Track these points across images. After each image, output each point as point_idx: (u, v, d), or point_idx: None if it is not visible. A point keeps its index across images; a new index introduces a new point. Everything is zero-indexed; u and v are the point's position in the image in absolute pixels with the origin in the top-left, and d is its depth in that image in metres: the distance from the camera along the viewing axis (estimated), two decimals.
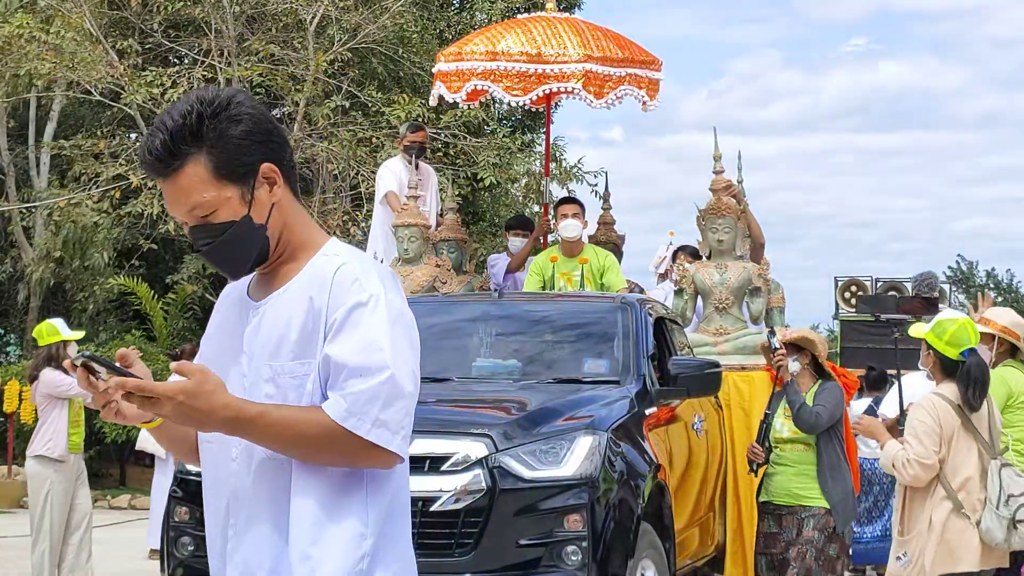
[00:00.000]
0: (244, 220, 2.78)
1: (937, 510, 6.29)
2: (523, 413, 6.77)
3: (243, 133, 2.76)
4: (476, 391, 7.44)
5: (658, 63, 10.80)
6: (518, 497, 6.42)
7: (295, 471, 2.74)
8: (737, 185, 10.13)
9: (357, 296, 2.73)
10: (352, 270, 2.76)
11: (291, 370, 2.75)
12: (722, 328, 9.79)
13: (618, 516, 6.59)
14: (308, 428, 2.69)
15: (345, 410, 2.68)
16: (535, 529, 6.43)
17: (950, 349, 6.34)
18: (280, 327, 2.78)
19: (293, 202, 2.86)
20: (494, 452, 6.43)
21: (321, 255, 2.83)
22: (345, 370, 2.69)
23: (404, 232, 10.29)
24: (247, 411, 2.67)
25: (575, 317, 8.38)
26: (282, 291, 2.82)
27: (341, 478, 2.75)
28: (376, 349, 2.69)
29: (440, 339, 8.24)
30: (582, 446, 6.56)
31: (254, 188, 2.79)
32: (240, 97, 2.79)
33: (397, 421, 2.72)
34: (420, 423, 6.59)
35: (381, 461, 2.74)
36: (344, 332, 2.71)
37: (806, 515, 7.77)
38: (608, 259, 10.27)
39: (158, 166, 2.75)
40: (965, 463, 6.29)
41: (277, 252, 2.84)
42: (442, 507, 6.36)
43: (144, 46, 20.20)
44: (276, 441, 2.70)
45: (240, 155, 2.76)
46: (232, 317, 2.92)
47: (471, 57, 10.29)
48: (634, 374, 7.61)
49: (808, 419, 7.72)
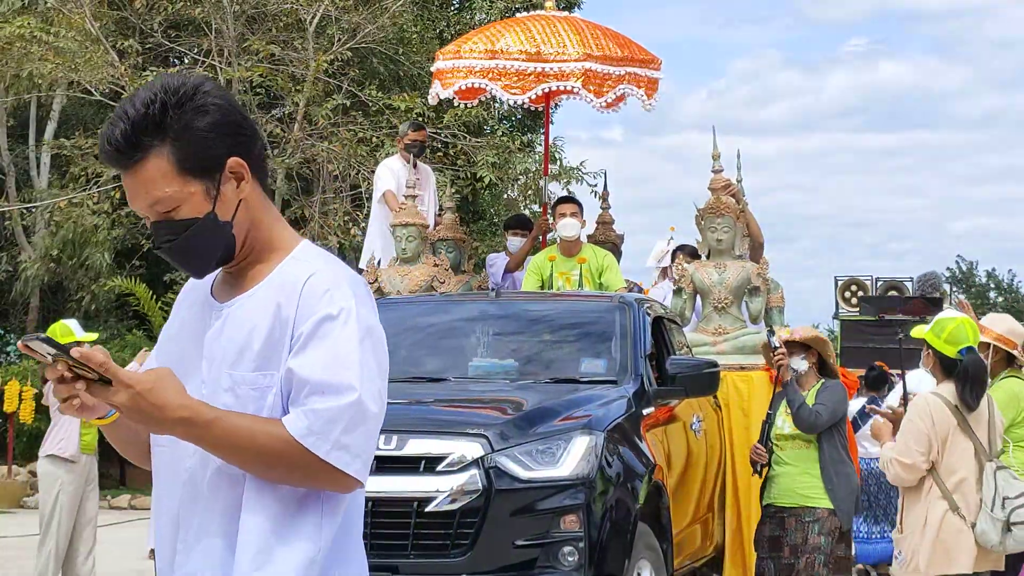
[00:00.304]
0: (208, 217, 2.63)
1: (932, 510, 6.26)
2: (519, 413, 6.73)
3: (209, 125, 2.61)
4: (472, 391, 7.41)
5: (657, 62, 10.77)
6: (514, 497, 6.39)
7: (248, 486, 2.58)
8: (736, 184, 10.10)
9: (327, 308, 2.58)
10: (323, 280, 2.61)
11: (252, 381, 2.60)
12: (721, 328, 9.75)
13: (615, 517, 6.55)
14: (266, 440, 2.53)
15: (306, 427, 2.53)
16: (531, 530, 6.40)
17: (948, 348, 6.31)
18: (243, 334, 2.63)
19: (262, 199, 2.72)
20: (490, 452, 6.40)
21: (291, 259, 2.69)
22: (308, 386, 2.55)
23: (402, 231, 10.26)
24: (204, 414, 2.52)
25: (573, 317, 8.35)
26: (248, 295, 2.67)
27: (296, 497, 2.59)
28: (343, 367, 2.54)
29: (437, 339, 8.21)
30: (578, 446, 6.53)
31: (220, 183, 2.63)
32: (207, 86, 2.64)
33: (359, 445, 2.56)
34: (416, 423, 6.66)
35: (339, 484, 2.58)
36: (311, 346, 2.56)
37: (810, 519, 7.73)
38: (607, 259, 10.24)
39: (118, 157, 2.61)
40: (961, 464, 6.26)
41: (244, 251, 2.70)
42: (438, 508, 6.33)
43: (144, 46, 20.20)
44: (231, 450, 2.54)
45: (206, 148, 2.61)
46: (194, 319, 2.76)
47: (470, 55, 10.26)
48: (632, 374, 7.57)
49: (808, 419, 7.69)
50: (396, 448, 6.41)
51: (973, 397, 6.27)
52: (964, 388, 6.25)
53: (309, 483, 2.58)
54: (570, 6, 20.67)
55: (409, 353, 8.13)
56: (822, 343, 7.99)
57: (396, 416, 6.91)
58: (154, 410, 2.50)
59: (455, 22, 21.79)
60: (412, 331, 8.33)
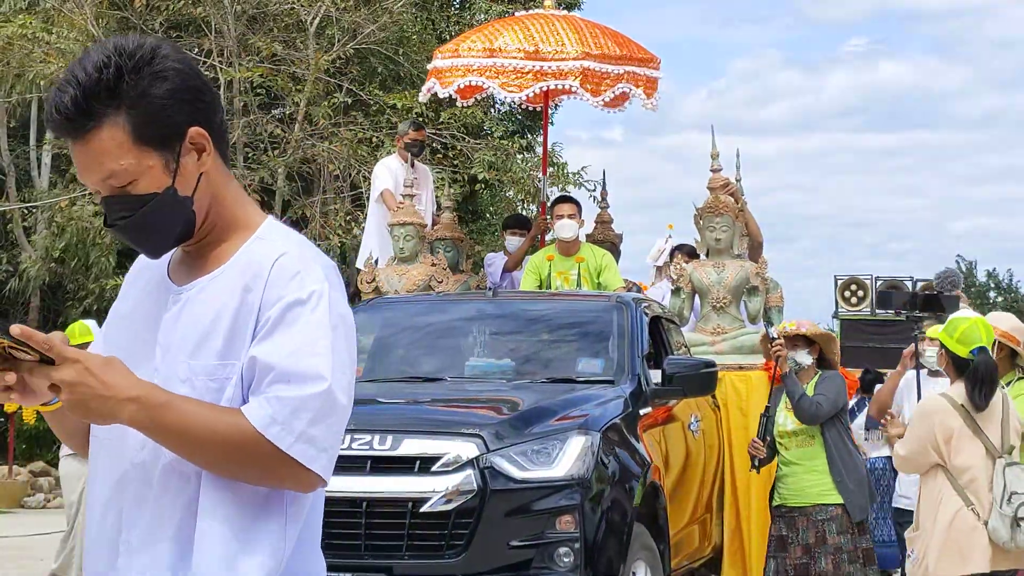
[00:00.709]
0: (168, 192, 2.41)
1: (943, 508, 6.21)
2: (515, 413, 6.69)
3: (168, 92, 2.38)
4: (469, 391, 7.38)
5: (656, 61, 10.72)
6: (509, 498, 6.35)
7: (205, 485, 2.37)
8: (735, 183, 10.06)
9: (297, 292, 2.37)
10: (293, 261, 2.41)
11: (212, 371, 2.39)
12: (719, 327, 9.71)
13: (610, 517, 6.51)
14: (223, 429, 2.31)
15: (268, 417, 2.32)
16: (526, 530, 6.36)
17: (960, 347, 6.26)
18: (205, 321, 2.41)
19: (224, 172, 2.50)
20: (485, 452, 6.36)
21: (257, 239, 2.47)
22: (272, 373, 2.34)
23: (400, 231, 10.22)
24: (155, 396, 2.30)
25: (570, 316, 8.32)
26: (211, 277, 2.45)
27: (258, 501, 2.38)
28: (312, 354, 2.34)
29: (434, 338, 8.18)
30: (574, 446, 6.49)
31: (180, 155, 2.41)
32: (165, 49, 2.41)
33: (326, 438, 2.35)
34: (410, 423, 6.63)
35: (301, 482, 2.37)
36: (278, 331, 2.36)
37: (823, 517, 7.69)
38: (605, 258, 10.19)
39: (68, 127, 2.37)
40: (971, 462, 6.21)
41: (204, 229, 2.48)
42: (432, 508, 6.28)
43: None
44: (183, 440, 2.31)
45: (165, 117, 2.38)
46: (148, 301, 2.53)
47: (468, 54, 10.23)
48: (629, 374, 7.54)
49: (809, 409, 7.66)
50: (391, 448, 6.38)
51: (982, 397, 6.22)
52: (974, 388, 6.21)
53: (268, 480, 2.37)
54: (570, 6, 20.64)
55: (406, 353, 8.11)
56: (827, 339, 7.98)
57: (391, 416, 6.95)
58: (102, 388, 2.27)
59: (455, 23, 21.76)
60: (409, 331, 8.30)
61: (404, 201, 10.35)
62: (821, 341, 7.96)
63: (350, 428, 6.40)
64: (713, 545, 8.82)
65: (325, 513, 6.34)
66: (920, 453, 6.28)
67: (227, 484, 2.37)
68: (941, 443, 6.21)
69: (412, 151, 10.84)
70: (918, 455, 6.30)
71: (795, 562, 7.76)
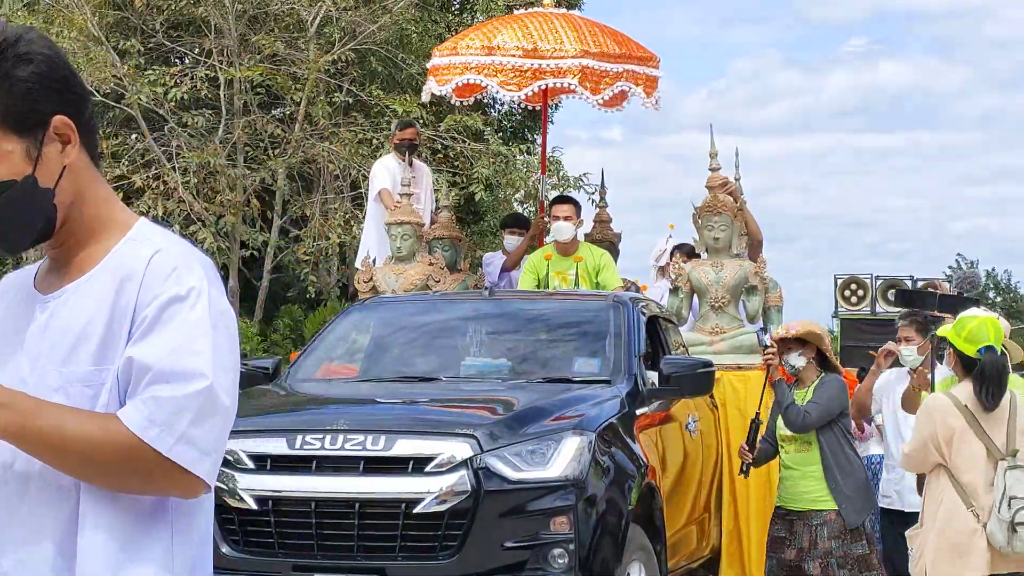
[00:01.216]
0: (27, 180, 2.26)
1: (943, 509, 6.14)
2: (510, 413, 6.63)
3: (34, 76, 2.25)
4: (464, 391, 7.33)
5: (656, 60, 10.67)
6: (503, 499, 6.29)
7: (84, 498, 2.23)
8: (734, 182, 10.01)
9: (175, 288, 2.25)
10: (170, 258, 2.28)
11: (87, 377, 2.26)
12: (718, 327, 9.66)
13: (606, 518, 6.46)
14: (99, 436, 2.18)
15: (146, 419, 2.18)
16: (521, 531, 6.30)
17: (968, 346, 6.16)
18: (76, 327, 2.28)
19: (91, 169, 2.36)
20: (479, 453, 6.30)
21: (129, 240, 2.34)
22: (150, 373, 2.21)
23: (397, 230, 10.15)
24: (25, 402, 2.18)
25: (567, 316, 8.27)
26: (79, 283, 2.32)
27: (144, 508, 2.24)
28: (192, 352, 2.21)
29: (430, 338, 8.14)
30: (569, 447, 6.43)
31: (42, 144, 2.27)
32: (32, 35, 2.29)
33: (208, 441, 2.22)
34: (404, 423, 6.59)
35: (183, 488, 2.23)
36: (155, 330, 2.23)
37: (818, 522, 7.65)
38: (604, 257, 10.14)
39: None
40: (971, 464, 6.12)
41: (68, 230, 2.34)
42: (426, 509, 6.23)
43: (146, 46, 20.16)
44: (55, 449, 2.18)
45: (29, 102, 2.25)
46: (16, 312, 2.40)
47: (467, 52, 10.18)
48: (625, 373, 7.48)
49: (796, 420, 7.60)
50: (384, 448, 6.33)
51: (989, 397, 6.10)
52: (981, 388, 6.11)
53: (150, 488, 2.23)
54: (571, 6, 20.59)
55: (401, 352, 8.07)
56: (817, 336, 7.87)
57: (384, 416, 6.90)
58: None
59: (455, 24, 21.72)
60: (405, 330, 8.26)
61: (401, 200, 10.29)
62: (811, 339, 7.88)
63: (343, 428, 6.44)
64: (711, 546, 8.76)
65: (318, 514, 6.32)
66: (922, 451, 6.22)
67: (109, 495, 2.23)
68: (942, 442, 6.14)
69: (402, 151, 10.79)
70: (920, 453, 6.24)
71: (789, 563, 7.72)
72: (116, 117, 20.38)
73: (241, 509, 6.40)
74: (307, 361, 7.95)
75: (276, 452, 6.45)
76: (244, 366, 7.99)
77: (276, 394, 7.40)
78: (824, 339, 7.92)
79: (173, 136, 19.15)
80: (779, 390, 7.71)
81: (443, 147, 19.38)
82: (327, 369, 8.13)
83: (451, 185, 18.34)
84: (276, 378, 7.75)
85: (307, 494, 6.33)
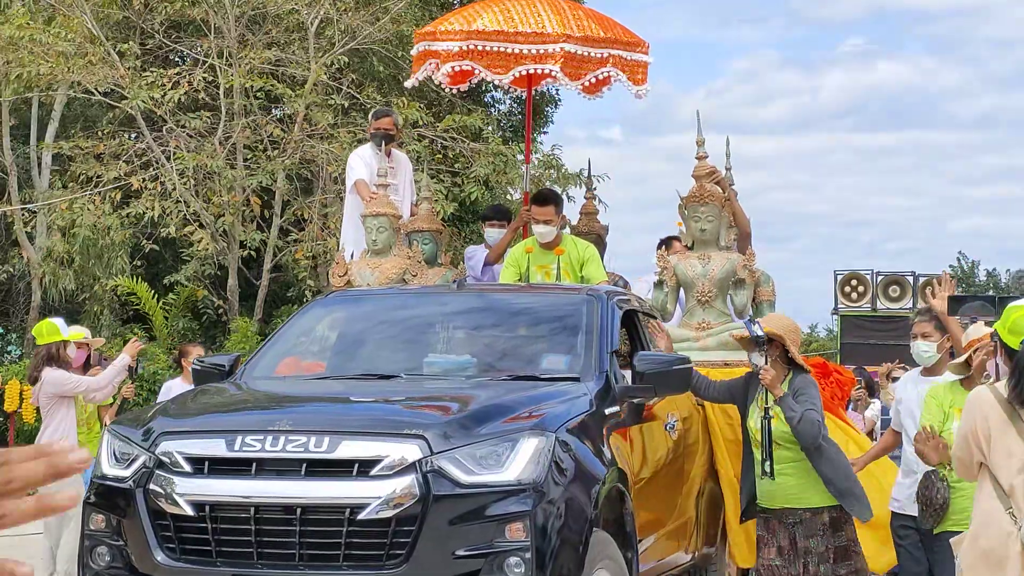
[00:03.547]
0: None
1: (978, 509, 5.65)
2: (464, 412, 6.20)
3: None
4: (421, 389, 6.92)
5: (644, 45, 10.20)
6: (455, 504, 5.88)
7: None
8: (724, 172, 9.59)
9: None
10: None
11: None
12: (705, 322, 9.24)
13: (566, 524, 6.04)
14: None
15: None
16: (474, 539, 5.88)
17: (1012, 338, 5.64)
18: None
19: None
20: (429, 455, 5.90)
21: None
22: None
23: (373, 222, 9.73)
24: None
25: (538, 310, 7.86)
26: None
27: None
28: None
29: (393, 334, 7.74)
30: (527, 448, 6.01)
31: None
32: None
33: None
34: (349, 423, 6.16)
35: None
36: None
37: (792, 521, 7.29)
38: (588, 250, 9.71)
39: None
40: (1007, 462, 5.57)
41: None
42: (371, 515, 5.83)
43: (145, 47, 19.97)
44: None
45: None
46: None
47: (446, 37, 9.76)
48: (596, 371, 7.06)
49: (811, 430, 7.24)
50: (327, 451, 5.93)
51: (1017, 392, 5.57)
52: (1017, 382, 5.60)
53: None
54: None
55: (363, 349, 7.68)
56: (779, 335, 7.46)
57: (329, 416, 6.48)
58: None
59: None
60: (368, 326, 7.87)
61: (377, 192, 9.89)
62: (776, 338, 7.47)
63: (284, 429, 6.05)
64: (696, 551, 8.34)
65: (258, 520, 5.88)
66: (964, 449, 5.69)
67: None
68: (981, 438, 5.61)
69: (378, 140, 10.40)
70: (964, 451, 5.72)
71: (767, 563, 7.34)
72: (116, 117, 20.22)
73: (177, 515, 6.02)
74: (263, 358, 7.55)
75: (214, 454, 6.06)
76: (199, 363, 7.61)
77: (224, 392, 6.99)
78: (787, 336, 7.50)
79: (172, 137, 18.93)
80: (785, 406, 7.29)
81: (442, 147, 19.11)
82: (297, 366, 7.74)
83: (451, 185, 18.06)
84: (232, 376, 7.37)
85: (246, 499, 5.94)
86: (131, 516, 6.13)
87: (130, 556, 6.14)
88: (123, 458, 6.29)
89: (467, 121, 18.49)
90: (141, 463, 6.18)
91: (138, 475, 6.16)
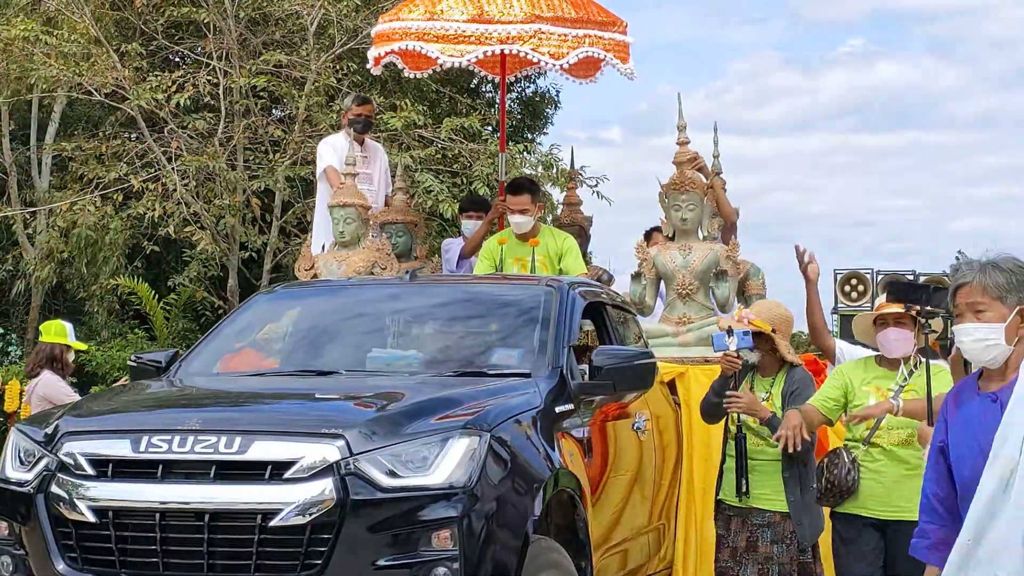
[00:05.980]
0: None
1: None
2: (390, 410, 5.71)
3: None
4: (354, 385, 6.41)
5: (622, 24, 9.69)
6: (376, 510, 5.38)
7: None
8: (712, 161, 9.09)
9: None
10: None
11: None
12: (685, 317, 8.73)
13: (501, 531, 5.54)
14: None
15: None
16: (397, 548, 5.38)
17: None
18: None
19: None
20: (348, 456, 5.41)
21: None
22: None
23: (340, 213, 9.27)
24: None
25: (493, 303, 7.35)
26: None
27: None
28: None
29: (338, 328, 7.26)
30: (457, 448, 5.51)
31: None
32: None
33: None
34: (263, 423, 5.63)
35: None
36: None
37: (759, 522, 6.78)
38: (567, 242, 9.23)
39: None
40: None
41: None
42: (284, 521, 5.34)
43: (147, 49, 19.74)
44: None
45: None
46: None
47: (408, 17, 9.28)
48: (549, 366, 6.55)
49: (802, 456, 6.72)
50: (238, 452, 5.44)
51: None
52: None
53: None
54: None
55: (304, 345, 7.21)
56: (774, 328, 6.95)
57: (241, 415, 5.97)
58: None
59: None
60: (313, 320, 7.40)
61: (345, 181, 9.42)
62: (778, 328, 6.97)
63: (194, 429, 5.58)
64: (666, 559, 7.84)
65: (164, 527, 5.36)
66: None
67: None
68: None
69: (355, 127, 9.94)
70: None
71: (721, 565, 6.82)
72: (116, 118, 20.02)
73: (79, 521, 5.56)
74: (200, 354, 7.07)
75: (118, 455, 5.59)
76: (135, 360, 7.16)
77: (143, 390, 6.52)
78: (780, 328, 6.98)
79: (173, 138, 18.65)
80: (772, 426, 6.75)
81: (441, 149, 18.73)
82: (259, 363, 7.27)
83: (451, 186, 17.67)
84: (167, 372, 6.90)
85: (151, 504, 5.47)
86: (32, 523, 5.68)
87: (31, 567, 5.69)
88: (27, 460, 5.84)
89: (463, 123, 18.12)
90: (43, 465, 5.73)
91: (39, 478, 5.71)
